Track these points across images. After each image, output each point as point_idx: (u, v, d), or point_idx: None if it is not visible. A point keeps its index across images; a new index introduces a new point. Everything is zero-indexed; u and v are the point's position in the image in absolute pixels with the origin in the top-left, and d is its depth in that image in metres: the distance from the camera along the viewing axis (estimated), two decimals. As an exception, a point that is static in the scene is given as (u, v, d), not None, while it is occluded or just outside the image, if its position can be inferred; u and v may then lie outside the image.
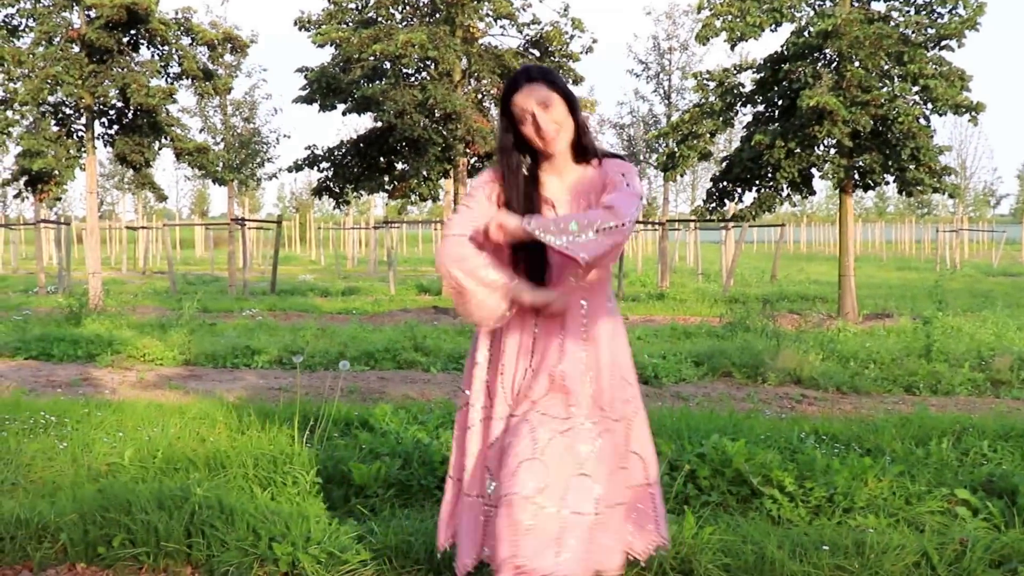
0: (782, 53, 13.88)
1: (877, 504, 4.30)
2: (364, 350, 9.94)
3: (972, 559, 3.67)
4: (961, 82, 13.10)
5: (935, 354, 9.23)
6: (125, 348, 10.12)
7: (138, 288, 21.86)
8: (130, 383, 8.59)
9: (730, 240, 22.40)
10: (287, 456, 4.85)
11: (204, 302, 16.57)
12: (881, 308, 15.76)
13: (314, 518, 4.05)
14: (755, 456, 4.58)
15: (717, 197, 14.51)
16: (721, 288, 20.61)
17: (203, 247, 47.88)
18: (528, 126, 3.03)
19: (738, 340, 10.46)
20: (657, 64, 20.51)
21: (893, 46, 12.79)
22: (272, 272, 21.63)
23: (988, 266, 32.61)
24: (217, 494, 4.14)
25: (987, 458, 5.06)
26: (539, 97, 3.00)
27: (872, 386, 8.38)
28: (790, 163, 13.22)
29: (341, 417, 5.84)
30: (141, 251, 34.90)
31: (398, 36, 12.53)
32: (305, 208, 65.09)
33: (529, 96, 3.00)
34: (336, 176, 14.63)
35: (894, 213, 66.46)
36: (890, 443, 5.29)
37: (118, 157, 15.55)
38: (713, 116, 14.16)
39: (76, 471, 4.86)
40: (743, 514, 4.25)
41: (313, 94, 14.19)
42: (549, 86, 3.01)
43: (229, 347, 10.12)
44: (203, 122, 22.12)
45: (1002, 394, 8.19)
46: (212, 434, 5.42)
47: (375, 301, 17.74)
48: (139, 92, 14.24)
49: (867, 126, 12.74)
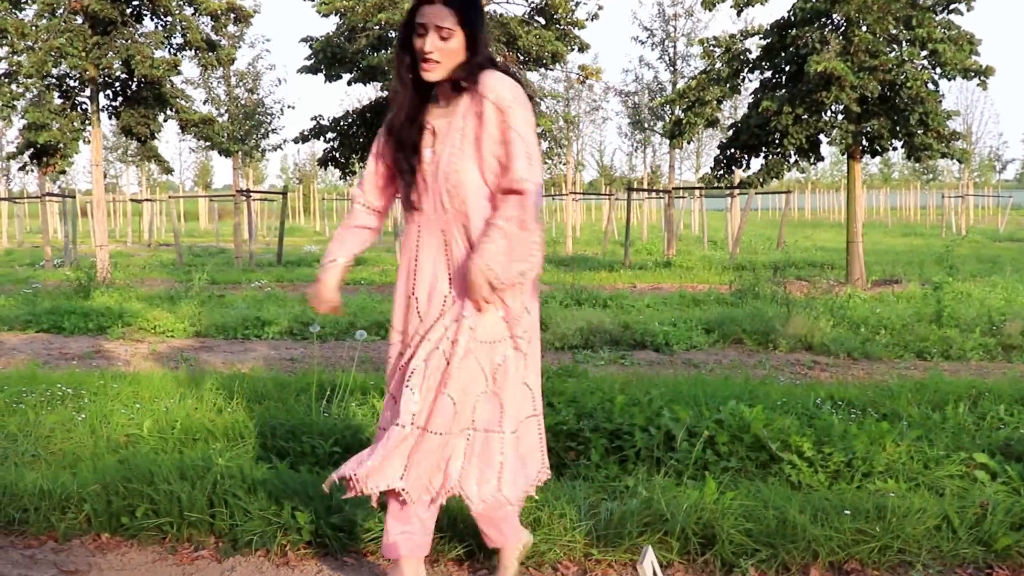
0: (789, 19, 13.78)
1: (896, 468, 4.31)
2: (374, 320, 9.94)
3: (993, 522, 3.68)
4: (970, 46, 13.01)
5: (946, 319, 9.23)
6: (135, 320, 10.14)
7: (145, 260, 21.86)
8: (143, 355, 8.61)
9: (735, 208, 22.34)
10: (305, 426, 4.87)
11: (211, 274, 16.59)
12: (889, 274, 15.74)
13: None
14: (773, 422, 4.58)
15: (725, 164, 14.46)
16: (728, 255, 20.58)
17: (207, 219, 47.83)
18: (419, 40, 2.93)
19: (748, 307, 10.46)
20: (662, 31, 20.42)
21: (901, 10, 12.70)
22: (278, 243, 21.63)
23: (994, 231, 32.52)
24: (238, 464, 4.16)
25: (1004, 422, 5.06)
26: (442, 20, 2.90)
27: (883, 352, 8.38)
28: (798, 129, 13.16)
29: (357, 386, 5.85)
30: (146, 224, 34.89)
31: (403, 4, 12.46)
32: (309, 179, 64.97)
33: (433, 15, 2.91)
34: (342, 146, 14.58)
35: (899, 179, 66.25)
36: (906, 408, 5.29)
37: (123, 129, 15.50)
38: (720, 83, 14.08)
39: (95, 442, 4.89)
40: (763, 479, 4.26)
41: (318, 64, 14.11)
42: (459, 16, 2.91)
43: (239, 318, 10.13)
44: (207, 93, 22.06)
45: (1014, 359, 8.19)
46: (229, 405, 5.44)
47: (382, 271, 17.75)
48: (143, 63, 14.17)
49: (875, 91, 12.67)
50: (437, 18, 2.90)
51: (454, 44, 2.93)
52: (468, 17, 2.94)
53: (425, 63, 2.93)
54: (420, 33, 2.93)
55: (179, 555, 3.78)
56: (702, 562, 3.59)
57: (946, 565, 3.57)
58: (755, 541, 3.60)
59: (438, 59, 2.92)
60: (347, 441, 4.75)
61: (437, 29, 2.90)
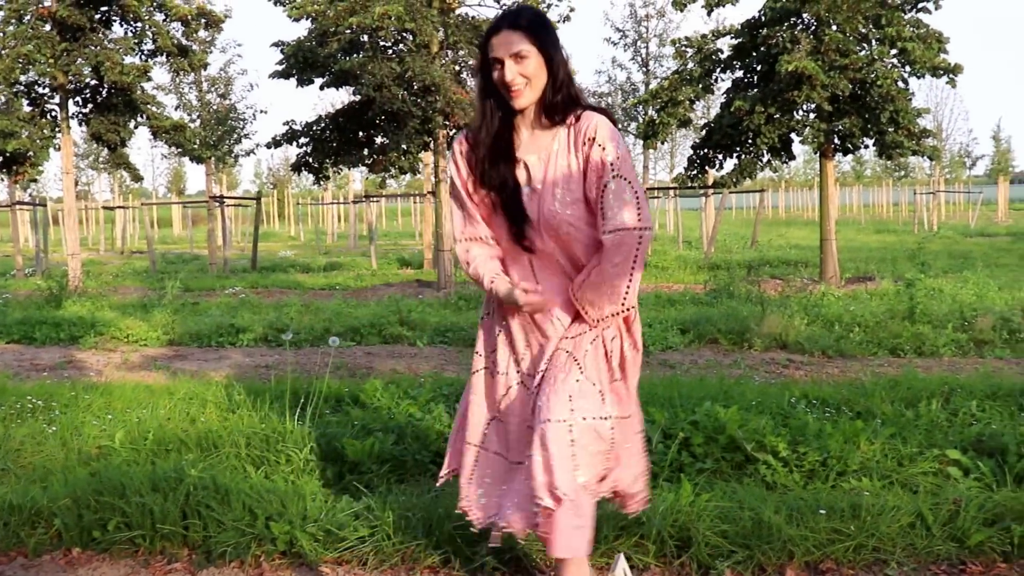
0: (760, 18, 13.83)
1: (870, 467, 4.33)
2: (350, 326, 9.91)
3: (966, 518, 3.71)
4: (938, 44, 13.11)
5: (919, 316, 9.29)
6: (108, 330, 10.06)
7: (118, 268, 21.69)
8: (115, 365, 8.53)
9: (710, 207, 22.39)
10: (279, 434, 4.84)
11: (185, 281, 16.49)
12: (862, 271, 15.84)
13: (310, 496, 4.04)
14: (748, 422, 4.59)
15: (698, 164, 14.50)
16: (703, 255, 20.64)
17: (181, 226, 47.53)
18: (497, 73, 2.94)
19: (723, 307, 10.50)
20: (634, 32, 20.45)
21: (871, 9, 12.78)
22: (252, 249, 21.51)
23: (965, 227, 32.77)
24: (211, 474, 4.13)
25: (976, 418, 5.10)
26: (514, 46, 2.90)
27: (858, 349, 8.42)
28: (770, 128, 13.22)
29: (332, 394, 5.82)
30: (119, 231, 34.61)
31: (374, 8, 12.39)
32: (283, 184, 64.68)
33: (504, 43, 2.90)
34: (315, 151, 14.49)
35: (871, 176, 66.68)
36: (880, 406, 5.32)
37: (93, 136, 15.35)
38: (692, 83, 14.11)
39: (67, 455, 4.84)
40: (738, 480, 4.27)
41: (290, 69, 14.02)
42: (529, 37, 2.91)
43: (213, 326, 10.07)
44: (178, 99, 21.90)
45: (986, 354, 8.25)
46: (202, 414, 5.39)
47: (357, 276, 17.69)
48: (113, 70, 14.03)
49: (846, 90, 12.74)
50: (510, 45, 2.91)
51: (532, 66, 2.92)
52: (539, 37, 2.94)
53: (512, 92, 2.93)
54: (497, 67, 2.94)
55: (152, 568, 3.75)
56: (678, 565, 3.59)
57: (920, 562, 3.59)
58: (731, 542, 3.61)
59: (522, 85, 2.93)
60: (322, 449, 4.72)
61: (513, 56, 2.90)
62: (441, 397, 5.77)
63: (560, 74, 2.96)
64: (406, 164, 15.23)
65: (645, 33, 20.31)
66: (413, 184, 47.12)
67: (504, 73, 2.91)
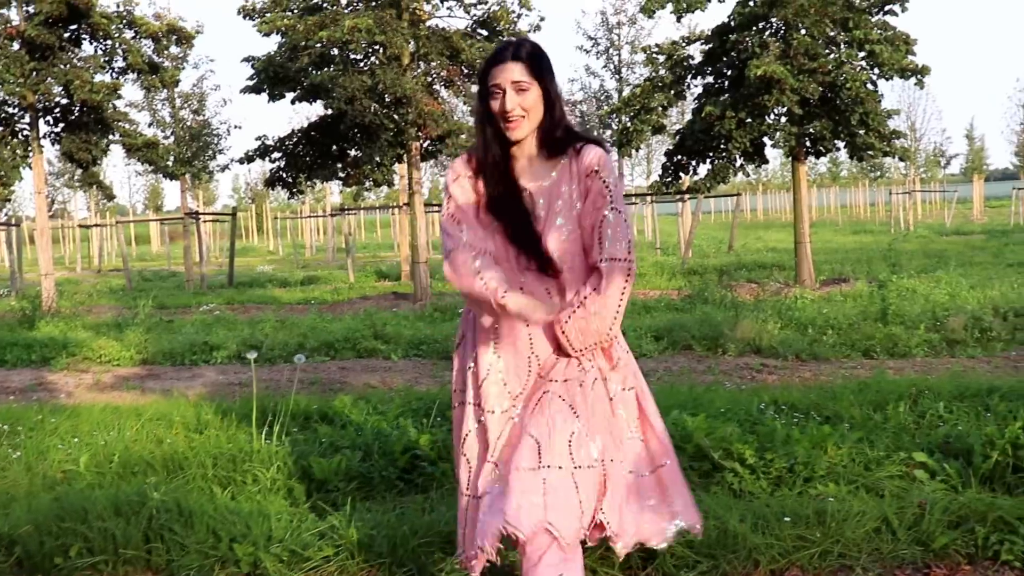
0: (729, 24, 13.89)
1: (837, 472, 4.33)
2: (324, 340, 9.87)
3: (931, 521, 3.72)
4: (906, 46, 13.20)
5: (891, 317, 9.33)
6: (80, 350, 9.98)
7: (92, 287, 21.54)
8: (87, 386, 8.47)
9: (687, 212, 22.46)
10: (246, 454, 4.81)
11: (161, 299, 16.40)
12: (838, 273, 15.90)
13: (275, 516, 4.01)
14: (715, 430, 4.59)
15: (672, 171, 14.53)
16: (680, 260, 20.68)
17: (159, 242, 47.30)
18: (496, 102, 2.95)
19: (697, 313, 10.51)
20: (606, 39, 20.51)
21: (838, 12, 12.85)
22: (229, 265, 21.42)
23: (941, 226, 32.98)
24: (175, 497, 4.09)
25: (943, 419, 5.11)
26: (515, 76, 2.93)
27: (831, 352, 8.45)
28: (741, 133, 13.26)
29: (300, 411, 5.79)
30: (95, 249, 34.43)
31: (344, 22, 12.38)
32: (261, 198, 64.47)
33: (506, 73, 2.93)
34: (288, 166, 14.45)
35: (848, 177, 67.03)
36: (848, 409, 5.33)
37: (65, 155, 15.27)
38: (664, 89, 14.15)
39: (31, 480, 4.78)
40: (705, 489, 4.26)
41: (261, 84, 13.98)
42: (530, 70, 2.93)
43: (187, 344, 10.01)
44: (152, 116, 21.81)
45: (957, 353, 8.30)
46: (169, 435, 5.35)
47: (334, 290, 17.63)
48: (82, 88, 13.96)
49: (815, 93, 12.80)
50: (511, 74, 2.92)
51: (532, 98, 2.94)
52: (539, 69, 2.96)
53: (509, 122, 2.94)
54: (496, 95, 2.95)
55: (114, 594, 3.71)
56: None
57: (886, 567, 3.60)
58: (696, 553, 3.60)
59: (520, 115, 2.94)
60: (289, 468, 4.69)
61: (513, 84, 2.92)
62: (410, 412, 5.75)
63: (557, 108, 3.01)
64: (380, 177, 15.21)
65: (617, 40, 20.36)
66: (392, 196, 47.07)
67: (504, 102, 2.93)
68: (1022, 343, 8.62)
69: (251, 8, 13.92)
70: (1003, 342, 8.59)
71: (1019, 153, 64.14)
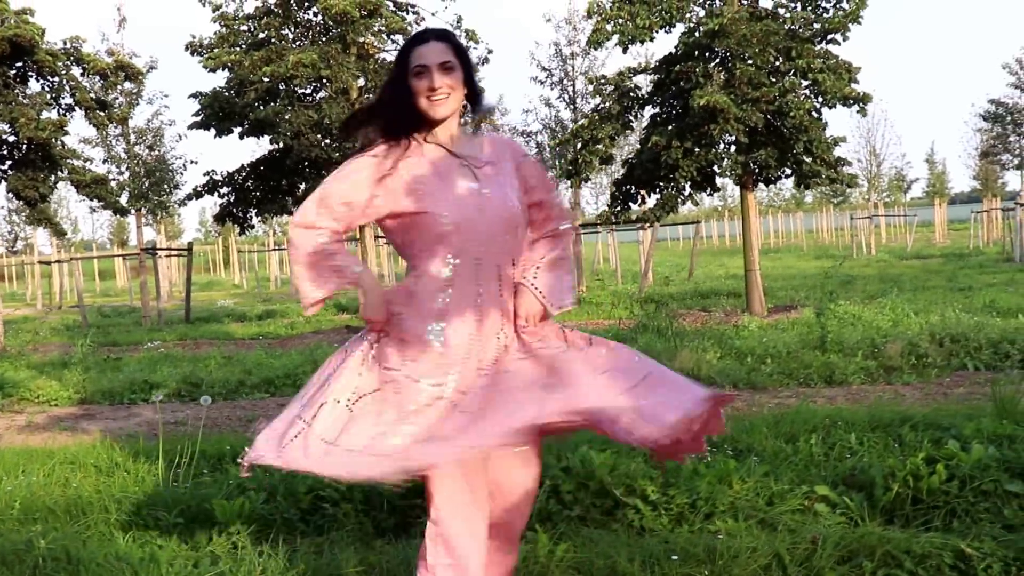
0: (675, 54, 14.00)
1: (739, 507, 4.31)
2: (265, 377, 9.79)
3: (822, 556, 3.70)
4: (848, 74, 13.34)
5: (830, 344, 9.35)
6: (18, 391, 9.82)
7: (47, 324, 21.30)
8: (18, 427, 8.33)
9: (647, 240, 22.54)
10: (151, 497, 4.74)
11: (114, 335, 16.23)
12: (791, 300, 15.95)
13: (167, 563, 3.94)
14: (619, 466, 4.56)
15: (621, 200, 14.59)
16: (638, 288, 20.71)
17: (125, 278, 46.92)
18: (421, 80, 2.98)
19: (640, 342, 10.49)
20: (560, 70, 20.63)
21: (781, 42, 12.98)
22: (185, 300, 21.25)
23: (902, 250, 33.27)
24: (64, 544, 4.02)
25: (853, 451, 5.10)
26: (442, 56, 2.98)
27: (768, 381, 8.44)
28: (688, 162, 13.33)
29: (214, 452, 5.72)
30: (56, 286, 34.11)
31: (289, 57, 12.41)
32: (227, 231, 64.16)
33: (432, 53, 2.98)
34: (238, 200, 14.43)
35: (812, 203, 67.61)
36: (762, 442, 5.32)
37: (11, 192, 15.15)
38: (611, 120, 14.22)
39: (-70, 530, 4.69)
40: (606, 526, 4.24)
41: (208, 119, 13.98)
42: (455, 52, 3.01)
43: (127, 382, 9.88)
44: (106, 152, 21.68)
45: (893, 380, 8.32)
46: (77, 478, 5.27)
47: (290, 324, 17.51)
48: (28, 126, 13.88)
49: (759, 122, 12.90)
50: (438, 54, 2.99)
51: (456, 77, 3.01)
52: (462, 53, 3.06)
53: (436, 100, 2.99)
54: (421, 74, 2.99)
55: (-8, 648, 3.63)
56: (530, 619, 3.54)
57: (773, 604, 3.57)
58: (582, 594, 3.57)
59: (447, 92, 2.99)
60: (192, 511, 4.62)
61: (440, 65, 2.97)
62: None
63: (478, 89, 3.11)
64: (331, 209, 15.17)
65: (571, 71, 20.49)
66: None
67: (433, 79, 2.97)
68: (957, 369, 8.68)
69: (198, 44, 13.93)
70: (938, 368, 8.61)
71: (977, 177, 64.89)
